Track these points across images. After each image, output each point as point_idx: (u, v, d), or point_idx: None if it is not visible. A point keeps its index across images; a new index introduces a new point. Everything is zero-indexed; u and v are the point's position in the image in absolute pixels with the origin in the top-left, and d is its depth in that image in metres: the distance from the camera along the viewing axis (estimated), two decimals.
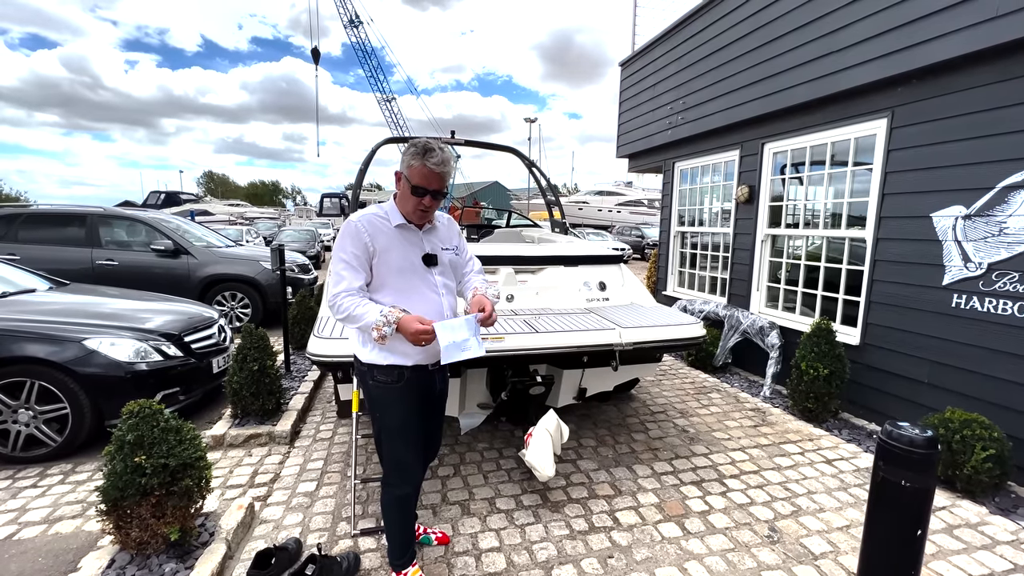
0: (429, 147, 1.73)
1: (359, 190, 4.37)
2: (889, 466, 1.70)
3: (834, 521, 2.51)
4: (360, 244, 1.73)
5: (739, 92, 4.81)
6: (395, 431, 1.87)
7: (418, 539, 2.27)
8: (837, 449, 3.31)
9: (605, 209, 27.85)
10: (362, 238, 1.73)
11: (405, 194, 1.76)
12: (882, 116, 3.60)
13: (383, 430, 1.89)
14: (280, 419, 3.50)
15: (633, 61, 6.90)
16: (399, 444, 1.88)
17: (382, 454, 1.95)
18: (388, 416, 1.86)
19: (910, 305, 3.46)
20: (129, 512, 1.97)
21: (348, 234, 1.75)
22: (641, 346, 2.80)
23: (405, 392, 1.83)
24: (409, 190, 1.73)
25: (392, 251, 1.76)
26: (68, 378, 3.01)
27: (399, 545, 1.99)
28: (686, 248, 6.33)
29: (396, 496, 1.93)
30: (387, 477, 1.94)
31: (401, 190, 1.78)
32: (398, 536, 1.98)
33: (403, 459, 1.90)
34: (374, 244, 1.74)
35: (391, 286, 1.78)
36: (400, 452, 1.89)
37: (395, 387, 1.81)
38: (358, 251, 1.73)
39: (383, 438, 1.90)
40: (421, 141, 1.75)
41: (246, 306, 6.59)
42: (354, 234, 1.74)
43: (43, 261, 5.70)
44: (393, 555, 2.01)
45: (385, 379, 1.80)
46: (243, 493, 2.74)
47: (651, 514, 2.55)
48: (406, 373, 1.80)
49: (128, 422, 1.97)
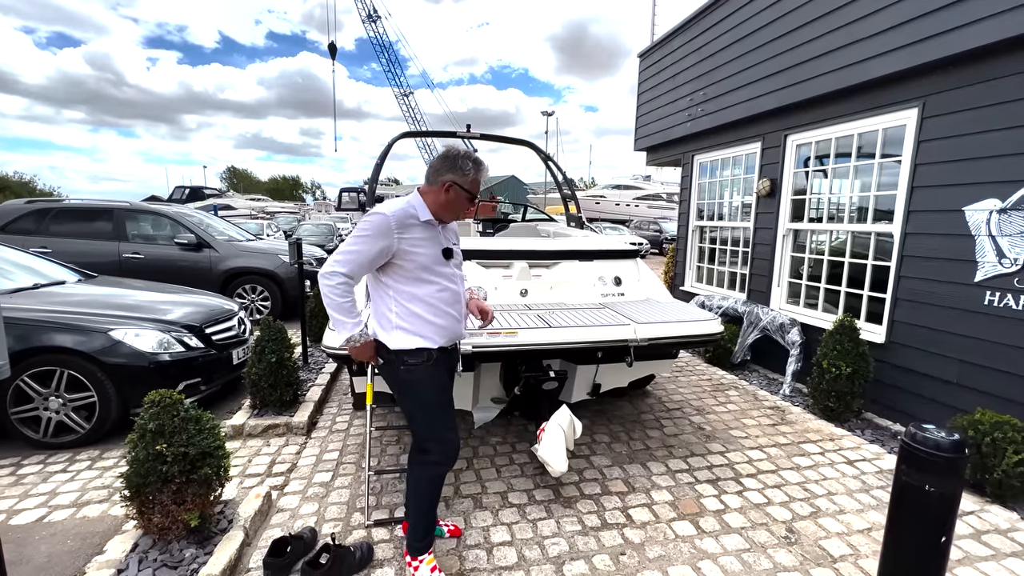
0: (481, 161, 1.91)
1: (375, 184, 4.39)
2: (912, 470, 1.64)
3: (855, 523, 2.44)
4: (385, 242, 1.80)
5: (761, 83, 4.68)
6: (433, 408, 1.97)
7: None
8: (859, 450, 3.23)
9: (623, 203, 27.56)
10: (390, 235, 1.80)
11: (455, 199, 1.89)
12: (913, 106, 3.47)
13: (421, 410, 1.98)
14: (297, 410, 3.56)
15: (652, 52, 6.77)
16: (440, 420, 1.99)
17: (423, 435, 2.01)
18: (424, 395, 1.96)
19: (939, 302, 3.34)
20: (151, 498, 2.02)
21: (378, 225, 1.80)
22: (656, 342, 2.76)
23: (436, 370, 1.94)
24: (465, 198, 1.90)
25: (420, 246, 1.86)
26: (95, 367, 3.11)
27: (424, 528, 2.01)
28: (705, 243, 6.21)
29: (436, 473, 2.03)
30: (427, 456, 2.01)
31: (448, 195, 1.88)
32: (426, 519, 2.01)
33: (444, 434, 2.00)
34: (401, 240, 1.82)
35: (419, 277, 1.88)
36: (441, 428, 1.99)
37: (427, 367, 1.91)
38: (379, 244, 1.80)
39: (421, 418, 1.99)
40: (471, 154, 1.90)
41: (266, 299, 6.71)
42: (384, 229, 1.80)
43: (73, 254, 5.90)
44: (415, 537, 2.01)
45: (416, 361, 1.89)
46: (261, 482, 2.79)
47: (665, 512, 2.52)
48: (434, 354, 1.91)
49: (150, 411, 2.02)
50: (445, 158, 1.88)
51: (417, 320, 1.88)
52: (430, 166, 1.93)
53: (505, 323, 2.63)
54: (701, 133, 5.84)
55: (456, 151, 1.89)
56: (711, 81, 5.45)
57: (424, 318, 1.88)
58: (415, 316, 1.88)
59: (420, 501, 2.02)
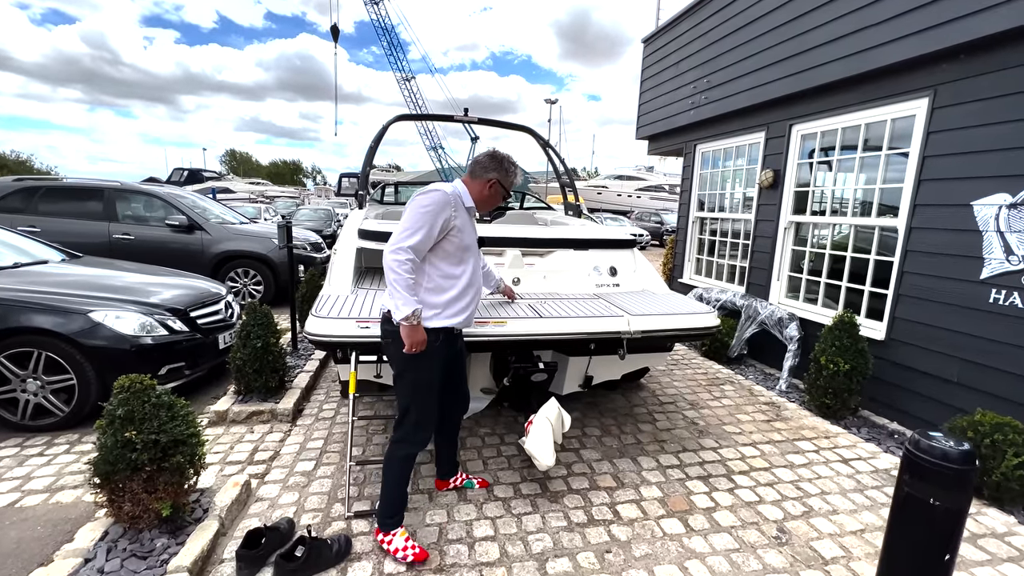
0: (518, 165, 2.14)
1: (369, 168, 4.28)
2: (916, 481, 1.51)
3: (848, 524, 2.38)
4: (446, 215, 1.92)
5: (767, 70, 4.54)
6: (427, 386, 2.03)
7: (461, 484, 2.56)
8: (855, 448, 3.16)
9: (625, 194, 27.34)
10: (448, 211, 1.92)
11: (494, 195, 2.10)
12: (923, 95, 3.34)
13: (415, 386, 2.02)
14: (283, 397, 3.49)
15: (656, 37, 6.60)
16: (430, 399, 2.06)
17: (406, 412, 2.05)
18: (424, 371, 2.00)
19: (943, 299, 3.25)
20: (121, 486, 1.96)
21: (439, 201, 1.90)
22: (650, 334, 2.68)
23: (442, 350, 2.01)
24: (501, 195, 2.10)
25: (466, 228, 2.02)
26: (74, 349, 3.03)
27: (392, 503, 2.09)
28: (704, 234, 6.11)
29: (405, 454, 2.08)
30: (404, 435, 2.06)
31: (490, 191, 2.08)
32: (394, 493, 2.08)
33: (429, 414, 2.08)
34: (456, 217, 1.95)
35: (460, 258, 2.01)
36: (428, 407, 2.06)
37: (433, 345, 1.95)
38: (440, 219, 1.90)
39: (413, 394, 2.03)
40: (513, 160, 2.10)
41: (258, 283, 6.62)
42: (443, 204, 1.91)
43: (62, 234, 5.79)
44: (384, 512, 2.08)
45: (430, 339, 1.93)
46: (241, 470, 2.73)
47: (653, 508, 2.46)
48: (441, 335, 1.99)
49: (119, 396, 1.94)
50: (493, 158, 2.08)
51: (444, 295, 1.98)
52: (476, 162, 2.09)
53: (495, 312, 2.55)
54: (704, 122, 5.70)
55: (503, 154, 2.09)
56: (716, 68, 5.30)
57: (451, 295, 1.99)
58: (443, 290, 1.98)
59: (390, 480, 2.08)
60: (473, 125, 4.81)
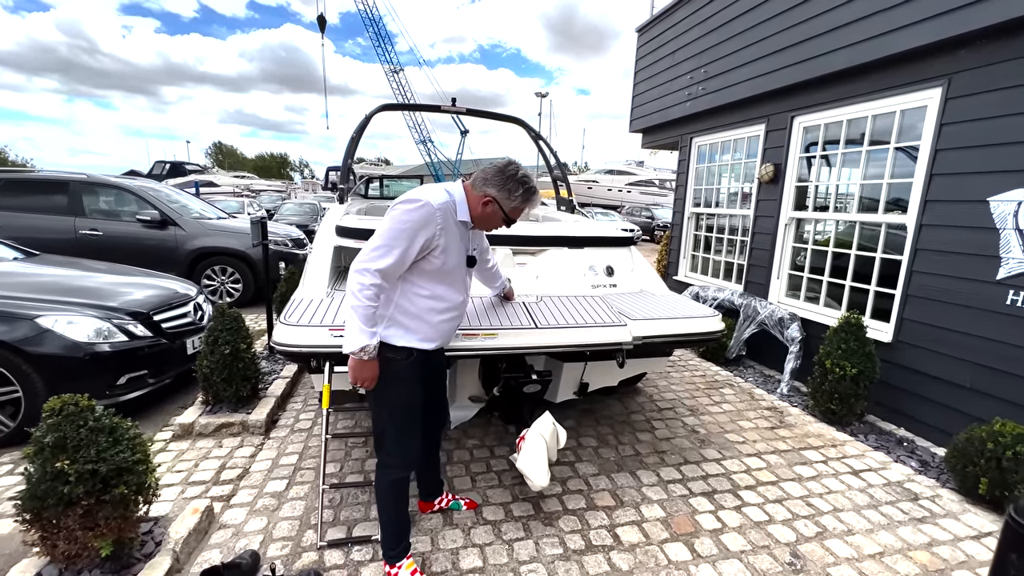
0: (535, 192, 1.75)
1: (351, 160, 4.01)
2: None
3: (865, 547, 2.21)
4: (428, 233, 1.63)
5: (768, 59, 4.34)
6: (403, 408, 1.82)
7: (447, 506, 2.33)
8: (864, 458, 3.00)
9: (615, 189, 27.20)
10: (431, 229, 1.64)
11: (491, 217, 1.76)
12: (936, 85, 3.16)
13: (390, 409, 1.81)
14: (256, 407, 3.23)
15: (651, 26, 6.37)
16: (406, 422, 1.84)
17: (383, 436, 1.84)
18: (396, 393, 1.79)
19: (955, 300, 3.09)
20: (55, 522, 1.71)
21: (423, 219, 1.62)
22: (653, 341, 2.48)
23: (415, 368, 1.79)
24: (501, 218, 1.76)
25: (452, 247, 1.72)
26: (19, 359, 2.75)
27: (392, 534, 1.89)
28: (701, 231, 5.92)
29: (393, 480, 1.87)
30: (386, 459, 1.86)
31: (485, 209, 1.74)
32: (393, 524, 1.89)
33: (408, 438, 1.85)
34: (440, 236, 1.66)
35: (437, 279, 1.74)
36: (406, 430, 1.84)
37: (404, 363, 1.76)
38: (421, 240, 1.63)
39: (387, 417, 1.82)
40: (527, 179, 1.73)
41: (236, 281, 6.32)
42: (426, 221, 1.62)
43: (23, 229, 5.45)
44: (386, 545, 1.90)
45: (395, 356, 1.74)
46: (205, 491, 2.48)
47: (656, 531, 2.26)
48: (415, 352, 1.77)
49: (48, 421, 1.68)
50: (500, 171, 1.72)
51: (417, 318, 1.74)
52: (482, 169, 1.76)
53: (485, 319, 2.32)
54: (701, 114, 5.50)
55: (515, 169, 1.72)
56: (714, 57, 5.09)
57: (425, 318, 1.75)
58: (417, 313, 1.74)
59: (384, 509, 1.90)
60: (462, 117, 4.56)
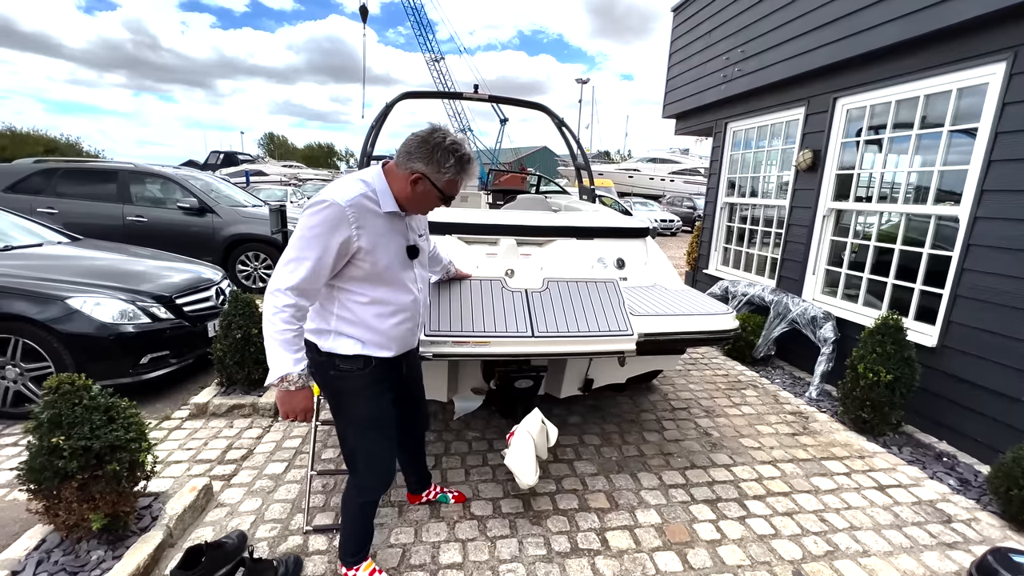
0: (470, 160, 1.50)
1: (371, 149, 4.02)
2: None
3: (880, 570, 2.01)
4: (343, 235, 1.42)
5: (809, 36, 4.00)
6: (366, 423, 1.66)
7: (434, 498, 2.31)
8: (894, 472, 2.75)
9: (657, 178, 26.27)
10: (345, 230, 1.42)
11: (423, 196, 1.52)
12: (999, 59, 2.80)
13: (355, 426, 1.67)
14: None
15: (687, 5, 6.03)
16: (371, 438, 1.68)
17: (353, 457, 1.72)
18: (358, 408, 1.64)
19: (1011, 303, 2.75)
20: (56, 494, 1.81)
21: (330, 219, 1.40)
22: (655, 339, 2.34)
23: (371, 380, 1.62)
24: (436, 196, 1.52)
25: (379, 246, 1.50)
26: (51, 337, 2.94)
27: (354, 543, 1.83)
28: (734, 222, 5.61)
29: (364, 502, 1.77)
30: (357, 479, 1.73)
31: (415, 189, 1.49)
32: (357, 533, 1.82)
33: (377, 456, 1.70)
34: (359, 237, 1.45)
35: (376, 281, 1.54)
36: (375, 450, 1.69)
37: (361, 374, 1.59)
38: (335, 244, 1.41)
39: (353, 436, 1.69)
40: (458, 147, 1.46)
41: (268, 267, 6.55)
42: (336, 222, 1.41)
43: (78, 216, 5.90)
44: (345, 552, 1.85)
45: (350, 367, 1.58)
46: (209, 470, 2.58)
47: (649, 538, 2.16)
48: (372, 361, 1.59)
49: (45, 398, 1.77)
50: (423, 142, 1.45)
51: (362, 326, 1.56)
52: (404, 144, 1.49)
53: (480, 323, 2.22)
54: (737, 97, 5.17)
55: (440, 136, 1.45)
56: (751, 36, 4.75)
57: (371, 325, 1.56)
58: (361, 321, 1.55)
59: (348, 520, 1.81)
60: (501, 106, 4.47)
